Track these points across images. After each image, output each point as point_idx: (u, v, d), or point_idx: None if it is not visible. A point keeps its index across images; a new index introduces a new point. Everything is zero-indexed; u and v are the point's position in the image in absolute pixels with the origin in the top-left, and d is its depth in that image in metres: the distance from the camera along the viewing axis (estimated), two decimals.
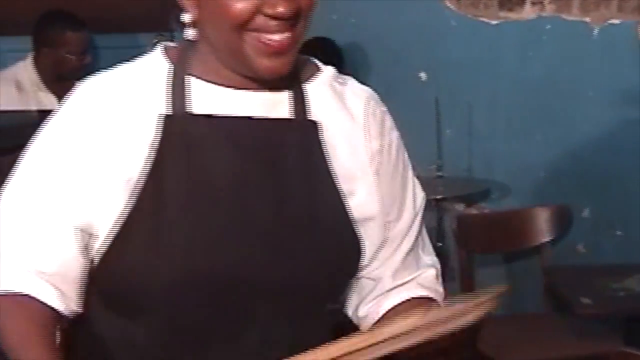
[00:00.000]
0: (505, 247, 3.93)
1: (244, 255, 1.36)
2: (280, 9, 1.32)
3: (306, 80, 1.46)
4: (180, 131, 1.36)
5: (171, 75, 1.40)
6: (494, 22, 3.99)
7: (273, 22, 1.32)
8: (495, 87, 4.01)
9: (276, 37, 1.33)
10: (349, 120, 1.47)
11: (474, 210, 4.15)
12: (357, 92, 1.52)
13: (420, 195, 1.58)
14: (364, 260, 1.48)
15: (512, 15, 3.93)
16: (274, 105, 1.41)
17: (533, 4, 3.89)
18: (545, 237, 3.80)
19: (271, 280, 1.37)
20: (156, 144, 1.35)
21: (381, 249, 1.50)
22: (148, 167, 1.34)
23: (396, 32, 4.26)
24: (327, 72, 1.50)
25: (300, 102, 1.43)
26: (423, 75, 4.21)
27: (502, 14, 3.96)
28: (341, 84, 1.50)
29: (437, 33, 4.13)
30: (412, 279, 1.54)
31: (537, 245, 3.82)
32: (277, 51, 1.34)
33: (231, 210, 1.36)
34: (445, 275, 3.81)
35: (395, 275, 1.52)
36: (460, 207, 4.14)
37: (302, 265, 1.38)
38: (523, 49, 3.95)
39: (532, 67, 3.93)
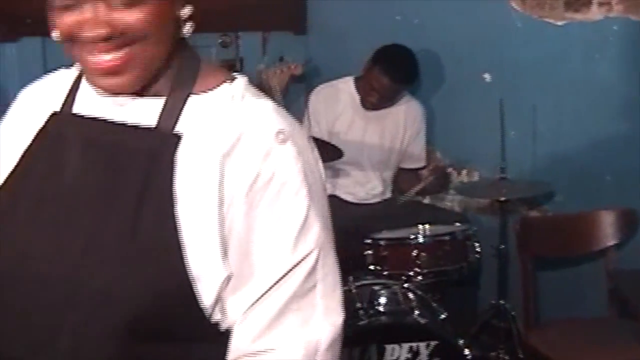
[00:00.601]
0: (569, 251, 3.88)
1: (56, 257, 1.30)
2: (89, 34, 1.28)
3: (200, 91, 1.39)
4: (52, 129, 1.41)
5: (77, 76, 1.47)
6: (560, 23, 3.94)
7: (91, 44, 1.29)
8: (561, 89, 3.97)
9: (106, 57, 1.29)
10: (228, 140, 1.32)
11: (537, 213, 4.11)
12: (257, 114, 1.37)
13: (312, 240, 1.37)
14: (207, 299, 1.30)
15: (578, 16, 3.88)
16: (144, 112, 1.36)
17: (600, 4, 3.83)
18: (610, 241, 3.74)
19: (80, 287, 1.27)
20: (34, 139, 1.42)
21: (229, 295, 1.32)
22: (19, 159, 1.42)
23: (461, 33, 4.24)
24: (231, 87, 1.41)
25: (171, 112, 1.35)
26: (487, 76, 4.19)
27: (568, 14, 3.91)
28: (244, 101, 1.39)
29: (502, 34, 4.10)
30: (276, 350, 1.32)
31: (601, 249, 3.77)
32: (108, 71, 1.30)
33: (61, 210, 1.33)
34: (507, 278, 3.81)
35: (256, 338, 1.32)
36: (523, 210, 4.11)
37: (117, 279, 1.26)
38: (589, 51, 3.90)
39: (598, 68, 3.88)
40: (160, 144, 1.31)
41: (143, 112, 1.35)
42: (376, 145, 4.17)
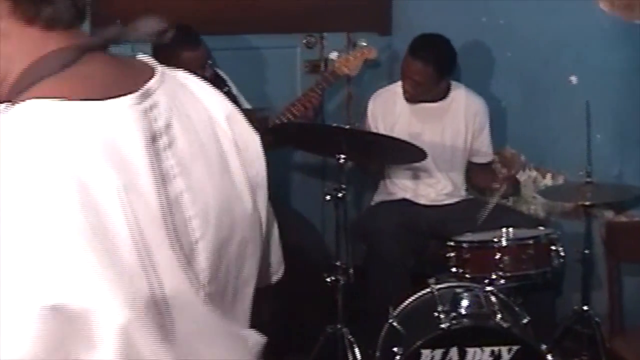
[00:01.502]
0: None
1: None
2: None
3: None
4: None
5: None
6: None
7: None
8: None
9: None
10: None
11: (623, 218, 4.05)
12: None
13: None
14: None
15: None
16: None
17: None
18: None
19: None
20: None
21: None
22: None
23: (547, 34, 4.20)
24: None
25: None
26: (574, 78, 4.13)
27: None
28: None
29: (589, 35, 4.04)
30: None
31: None
32: None
33: None
34: (591, 284, 3.76)
35: None
36: (609, 214, 4.05)
37: None
38: None
39: None
40: None
41: None
42: (437, 145, 4.16)
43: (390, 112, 4.20)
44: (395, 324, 3.33)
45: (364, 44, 4.31)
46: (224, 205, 1.25)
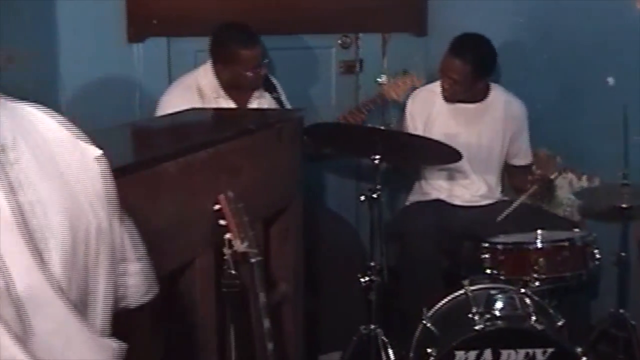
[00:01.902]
0: None
1: None
2: None
3: None
4: None
5: None
6: None
7: None
8: None
9: None
10: None
11: None
12: None
13: None
14: None
15: None
16: None
17: None
18: None
19: None
20: None
21: None
22: None
23: (584, 35, 4.17)
24: None
25: None
26: (611, 80, 4.11)
27: None
28: None
29: (627, 37, 4.01)
30: None
31: None
32: None
33: None
34: (627, 287, 3.74)
35: None
36: None
37: None
38: None
39: None
40: None
41: None
42: (474, 146, 4.14)
43: (428, 111, 4.20)
44: (429, 325, 3.33)
45: (411, 72, 4.32)
46: (71, 219, 1.32)
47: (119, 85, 4.19)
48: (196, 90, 3.83)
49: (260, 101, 3.95)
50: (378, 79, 4.40)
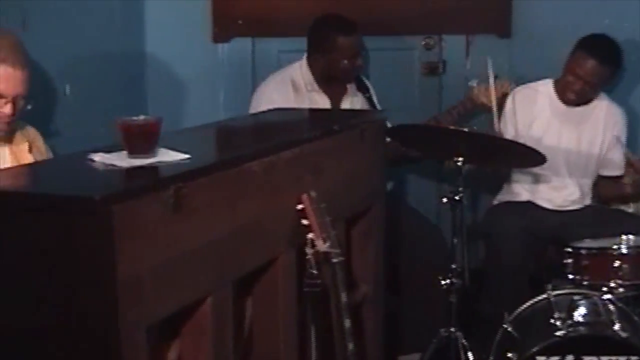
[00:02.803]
0: None
1: None
2: None
3: None
4: None
5: None
6: None
7: None
8: None
9: None
10: None
11: None
12: None
13: None
14: None
15: None
16: None
17: None
18: None
19: None
20: None
21: None
22: None
23: None
24: None
25: None
26: None
27: None
28: None
29: None
30: None
31: None
32: None
33: None
34: None
35: None
36: None
37: None
38: None
39: None
40: None
41: None
42: (573, 150, 4.09)
43: (529, 109, 4.14)
44: (510, 329, 3.30)
45: (502, 78, 4.28)
46: None
47: (203, 85, 4.26)
48: (291, 83, 3.87)
49: (353, 99, 3.96)
50: (470, 83, 4.37)
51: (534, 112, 4.13)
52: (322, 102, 3.88)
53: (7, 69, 2.72)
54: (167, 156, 2.11)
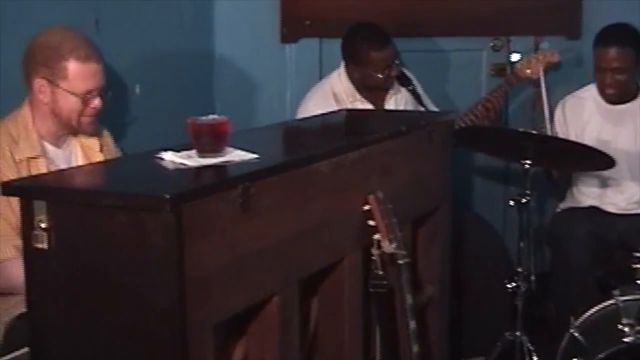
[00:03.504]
0: None
1: None
2: None
3: None
4: None
5: None
6: None
7: None
8: None
9: None
10: None
11: None
12: None
13: None
14: None
15: None
16: None
17: None
18: None
19: None
20: None
21: None
22: None
23: None
24: None
25: None
26: None
27: None
28: None
29: None
30: None
31: None
32: None
33: None
34: None
35: None
36: None
37: None
38: None
39: None
40: None
41: None
42: (630, 149, 4.03)
43: (579, 117, 4.11)
44: (576, 334, 3.26)
45: (547, 46, 4.24)
46: None
47: (271, 85, 4.28)
48: (332, 96, 3.84)
49: (397, 97, 3.94)
50: (510, 58, 4.34)
51: (583, 119, 4.10)
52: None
53: (92, 64, 2.80)
54: (236, 156, 2.13)
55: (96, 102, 2.84)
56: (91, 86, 2.81)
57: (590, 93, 4.12)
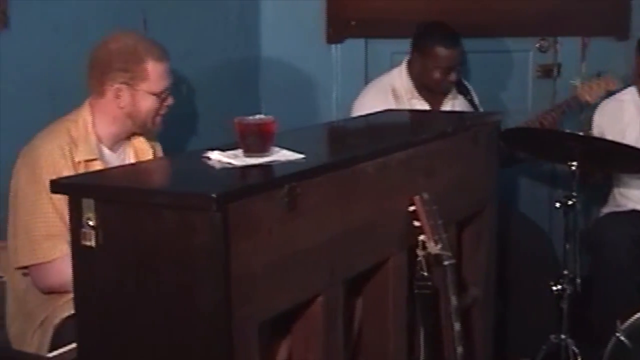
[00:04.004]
0: None
1: None
2: None
3: None
4: None
5: None
6: None
7: None
8: None
9: None
10: None
11: None
12: None
13: None
14: None
15: None
16: None
17: None
18: None
19: None
20: None
21: None
22: None
23: None
24: None
25: None
26: None
27: None
28: None
29: None
30: None
31: None
32: None
33: None
34: None
35: None
36: None
37: None
38: None
39: None
40: None
41: None
42: None
43: (618, 121, 4.07)
44: (622, 338, 3.24)
45: (607, 74, 4.20)
46: None
47: (317, 85, 4.29)
48: (391, 91, 3.85)
49: (454, 103, 3.93)
50: (571, 81, 4.30)
51: (623, 122, 4.06)
52: (422, 108, 3.85)
53: (165, 62, 2.87)
54: (282, 155, 2.14)
55: (170, 100, 2.92)
56: (167, 84, 2.88)
57: (630, 96, 4.08)
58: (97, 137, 2.85)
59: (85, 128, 2.82)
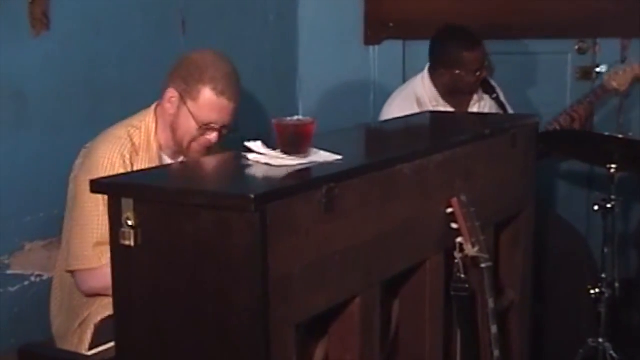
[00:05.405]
0: None
1: None
2: None
3: None
4: None
5: None
6: None
7: None
8: None
9: None
10: None
11: None
12: None
13: None
14: None
15: None
16: None
17: None
18: None
19: None
20: None
21: None
22: None
23: None
24: None
25: None
26: None
27: None
28: None
29: None
30: None
31: None
32: None
33: None
34: None
35: None
36: None
37: None
38: None
39: None
40: None
41: None
42: None
43: None
44: None
45: (634, 61, 4.17)
46: None
47: (354, 87, 4.29)
48: (415, 100, 3.80)
49: (480, 104, 3.91)
50: (597, 69, 4.27)
51: None
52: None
53: (224, 100, 2.76)
54: (320, 156, 2.14)
55: (213, 136, 2.81)
56: (213, 119, 2.78)
57: None
58: (159, 144, 2.84)
59: (148, 135, 2.81)
